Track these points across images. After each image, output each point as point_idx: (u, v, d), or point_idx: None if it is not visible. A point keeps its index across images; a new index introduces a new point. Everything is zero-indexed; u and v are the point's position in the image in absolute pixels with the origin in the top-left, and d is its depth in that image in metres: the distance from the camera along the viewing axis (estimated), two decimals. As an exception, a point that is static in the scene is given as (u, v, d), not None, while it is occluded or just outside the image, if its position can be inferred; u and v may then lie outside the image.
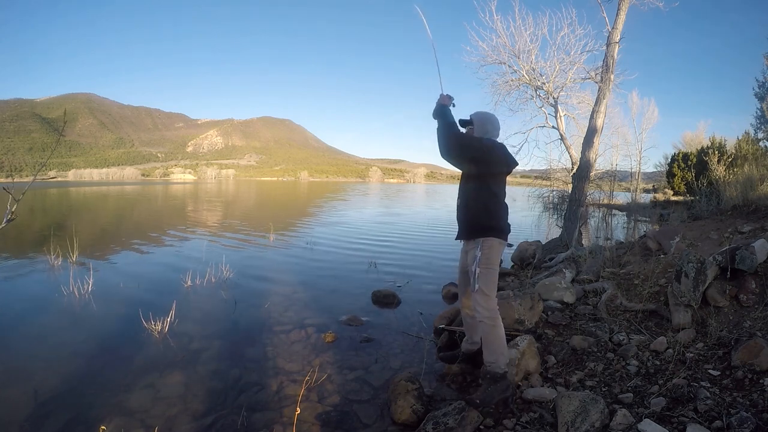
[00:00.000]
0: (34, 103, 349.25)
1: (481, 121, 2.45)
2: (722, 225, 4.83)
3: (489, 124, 2.45)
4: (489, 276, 2.30)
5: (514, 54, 9.82)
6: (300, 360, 2.99)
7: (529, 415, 2.10)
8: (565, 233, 7.48)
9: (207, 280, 4.99)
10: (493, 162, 2.36)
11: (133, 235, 9.27)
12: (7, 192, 1.36)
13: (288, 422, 2.18)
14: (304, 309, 4.13)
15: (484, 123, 2.44)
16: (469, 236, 2.42)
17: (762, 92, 14.06)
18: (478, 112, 2.51)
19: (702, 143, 21.46)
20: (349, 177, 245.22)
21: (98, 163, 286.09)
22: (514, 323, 3.01)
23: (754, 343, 2.23)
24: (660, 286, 3.43)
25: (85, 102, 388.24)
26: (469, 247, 2.44)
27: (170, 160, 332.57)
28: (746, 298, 2.85)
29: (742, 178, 6.05)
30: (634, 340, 2.78)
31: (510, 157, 2.48)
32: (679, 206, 11.78)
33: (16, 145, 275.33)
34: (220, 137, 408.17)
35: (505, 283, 4.91)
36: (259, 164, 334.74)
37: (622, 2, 7.01)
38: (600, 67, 7.67)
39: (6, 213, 1.33)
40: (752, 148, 10.63)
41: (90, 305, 4.10)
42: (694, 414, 1.89)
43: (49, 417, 2.23)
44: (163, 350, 3.10)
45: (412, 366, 2.90)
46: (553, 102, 10.03)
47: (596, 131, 7.39)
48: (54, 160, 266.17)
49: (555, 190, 14.79)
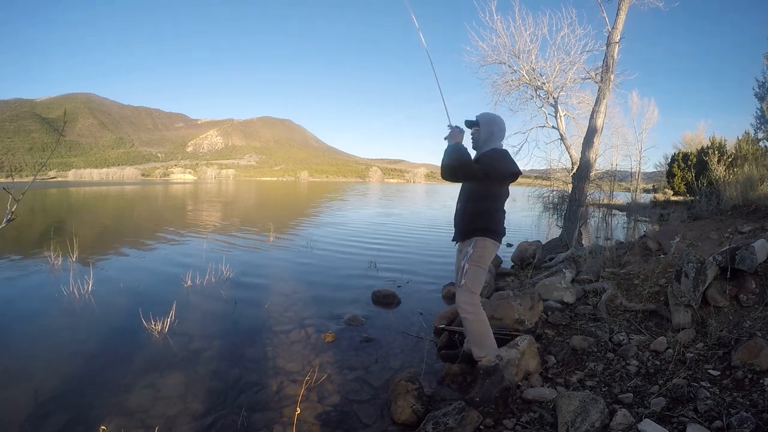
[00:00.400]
0: (34, 103, 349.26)
1: (487, 122, 2.44)
2: (722, 225, 4.83)
3: (495, 126, 2.44)
4: (477, 274, 2.33)
5: (514, 54, 9.82)
6: (300, 360, 2.99)
7: (529, 415, 2.10)
8: (565, 233, 7.48)
9: (207, 280, 4.99)
10: (499, 179, 2.38)
11: (133, 235, 9.27)
12: (7, 192, 1.36)
13: (288, 422, 2.19)
14: (304, 309, 4.13)
15: (490, 125, 2.43)
16: (465, 237, 2.44)
17: (762, 92, 14.06)
18: (484, 113, 2.50)
19: (702, 143, 21.46)
20: (349, 177, 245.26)
21: (98, 163, 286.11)
22: (514, 323, 3.01)
23: (754, 343, 2.23)
24: (660, 286, 3.43)
25: (85, 102, 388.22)
26: (463, 246, 2.46)
27: (170, 160, 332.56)
28: (746, 298, 2.85)
29: (742, 178, 6.05)
30: (634, 340, 2.78)
31: (515, 166, 2.44)
32: (679, 206, 11.78)
33: (16, 145, 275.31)
34: (220, 137, 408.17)
35: (505, 283, 4.91)
36: (259, 164, 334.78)
37: (622, 2, 7.01)
38: (600, 67, 7.67)
39: (6, 213, 1.33)
40: (752, 148, 10.62)
41: (90, 305, 4.10)
42: (694, 414, 1.89)
43: (49, 417, 2.23)
44: (163, 350, 3.10)
45: (412, 366, 2.90)
46: (553, 102, 10.03)
47: (596, 131, 7.39)
48: (54, 160, 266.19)
49: (555, 190, 14.80)
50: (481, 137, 2.43)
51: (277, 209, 19.10)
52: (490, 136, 2.43)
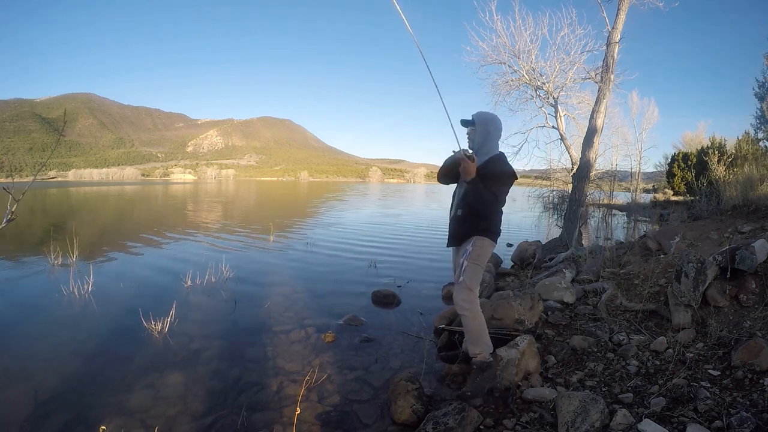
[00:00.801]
0: (34, 103, 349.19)
1: (483, 122, 2.41)
2: (722, 225, 4.82)
3: (491, 126, 2.41)
4: (475, 271, 2.36)
5: (514, 54, 9.82)
6: (300, 360, 2.99)
7: (529, 415, 2.09)
8: (565, 233, 7.48)
9: (207, 280, 4.99)
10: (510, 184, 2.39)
11: (133, 235, 9.27)
12: (7, 192, 1.36)
13: (288, 422, 2.18)
14: (304, 309, 4.13)
15: (486, 124, 2.41)
16: (464, 239, 2.44)
17: (762, 92, 14.06)
18: (481, 112, 2.46)
19: (702, 143, 21.46)
20: (349, 177, 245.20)
21: (98, 163, 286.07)
22: (514, 323, 3.01)
23: (754, 343, 2.23)
24: (660, 286, 3.43)
25: (85, 102, 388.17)
26: (461, 245, 2.47)
27: (170, 160, 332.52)
28: (746, 298, 2.85)
29: (742, 178, 6.05)
30: (634, 340, 2.78)
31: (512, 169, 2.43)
32: (679, 206, 11.78)
33: (16, 145, 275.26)
34: (220, 137, 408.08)
35: (505, 283, 4.91)
36: (259, 164, 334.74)
37: (622, 2, 7.01)
38: (600, 67, 7.67)
39: (6, 213, 1.33)
40: (752, 148, 10.62)
41: (90, 305, 4.10)
42: (694, 414, 1.89)
43: (49, 417, 2.23)
44: (163, 350, 3.10)
45: (412, 366, 2.90)
46: (553, 102, 10.04)
47: (596, 131, 7.39)
48: (54, 160, 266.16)
49: (555, 190, 14.80)
50: (477, 138, 2.40)
51: (277, 209, 19.10)
52: (487, 136, 2.40)
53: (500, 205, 2.43)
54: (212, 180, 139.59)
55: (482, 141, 2.41)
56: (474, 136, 2.42)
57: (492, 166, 2.34)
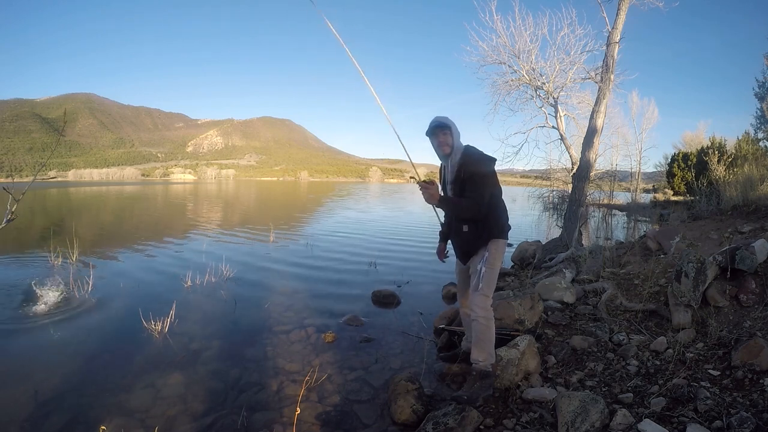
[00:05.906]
0: (34, 103, 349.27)
1: (453, 123, 2.42)
2: (722, 225, 4.83)
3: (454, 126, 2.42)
4: (492, 277, 2.39)
5: (514, 54, 9.81)
6: (300, 360, 2.99)
7: (529, 415, 2.09)
8: (565, 233, 7.47)
9: (207, 280, 4.99)
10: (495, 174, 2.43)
11: (133, 235, 9.27)
12: (7, 192, 1.36)
13: (288, 422, 2.18)
14: (304, 309, 4.13)
15: (455, 125, 2.43)
16: (478, 249, 2.42)
17: (762, 92, 14.07)
18: (444, 117, 2.43)
19: (702, 143, 21.48)
20: (349, 177, 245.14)
21: (98, 163, 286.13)
22: (514, 323, 3.01)
23: (754, 343, 2.23)
24: (660, 286, 3.43)
25: (85, 102, 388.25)
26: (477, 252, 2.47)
27: (170, 160, 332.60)
28: (746, 298, 2.85)
29: (742, 178, 6.05)
30: (634, 340, 2.78)
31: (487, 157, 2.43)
32: (679, 206, 11.79)
33: (16, 145, 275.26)
34: (220, 137, 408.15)
35: (505, 283, 4.91)
36: (259, 164, 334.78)
37: (622, 2, 7.01)
38: (600, 67, 7.66)
39: (6, 213, 1.33)
40: (752, 148, 10.63)
41: (90, 305, 4.09)
42: (694, 414, 1.89)
43: (49, 417, 2.23)
44: (163, 350, 3.10)
45: (412, 366, 2.90)
46: (553, 102, 10.02)
47: (596, 131, 7.38)
48: (54, 160, 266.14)
49: (555, 190, 14.79)
50: (455, 140, 2.40)
51: (277, 209, 19.09)
52: (459, 135, 2.44)
53: (498, 197, 2.41)
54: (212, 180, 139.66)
55: (457, 139, 2.42)
56: (451, 140, 2.39)
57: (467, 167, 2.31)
